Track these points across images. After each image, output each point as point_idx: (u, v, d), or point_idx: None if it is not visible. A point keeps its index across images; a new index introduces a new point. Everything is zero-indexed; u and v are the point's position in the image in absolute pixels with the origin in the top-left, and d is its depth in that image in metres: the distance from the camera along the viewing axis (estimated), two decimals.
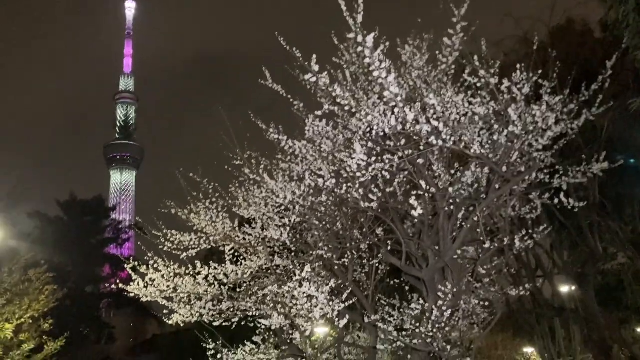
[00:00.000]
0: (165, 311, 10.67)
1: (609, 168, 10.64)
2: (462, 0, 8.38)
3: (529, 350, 32.14)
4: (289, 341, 9.74)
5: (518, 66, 8.56)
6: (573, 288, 19.55)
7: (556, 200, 9.59)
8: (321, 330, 12.02)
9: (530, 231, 9.52)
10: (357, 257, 11.07)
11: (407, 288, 11.85)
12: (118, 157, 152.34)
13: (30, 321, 15.86)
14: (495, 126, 8.22)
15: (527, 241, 9.63)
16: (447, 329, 8.81)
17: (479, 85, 8.53)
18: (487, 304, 10.69)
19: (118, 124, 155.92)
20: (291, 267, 9.57)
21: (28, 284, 16.09)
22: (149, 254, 11.01)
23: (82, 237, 38.48)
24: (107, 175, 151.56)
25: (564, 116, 9.18)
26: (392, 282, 12.29)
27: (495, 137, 8.24)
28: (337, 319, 8.86)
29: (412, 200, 8.04)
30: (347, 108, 8.30)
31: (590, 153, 16.37)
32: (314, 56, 7.97)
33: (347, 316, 9.38)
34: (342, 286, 9.80)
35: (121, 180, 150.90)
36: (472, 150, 7.78)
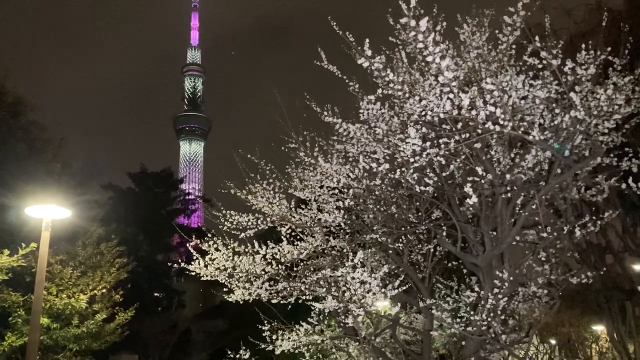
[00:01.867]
0: (224, 289, 11.00)
1: None
2: None
3: (598, 328, 31.15)
4: (342, 325, 9.87)
5: (583, 46, 8.09)
6: None
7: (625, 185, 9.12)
8: (381, 304, 12.09)
9: (594, 217, 9.14)
10: (415, 239, 11.00)
11: (464, 270, 11.68)
12: (187, 128, 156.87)
13: (104, 291, 16.81)
14: (557, 110, 7.84)
15: (590, 228, 9.27)
16: (502, 316, 8.66)
17: (539, 67, 8.12)
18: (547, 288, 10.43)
19: (186, 96, 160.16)
20: (345, 250, 9.60)
21: (100, 257, 17.03)
22: (211, 232, 11.38)
23: (152, 208, 40.12)
24: (177, 145, 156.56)
25: (636, 95, 8.65)
26: (450, 264, 12.14)
27: (556, 122, 7.87)
28: (389, 306, 8.87)
29: (467, 188, 7.83)
30: (399, 93, 8.12)
31: None
32: (367, 40, 7.85)
33: (399, 304, 9.35)
34: (396, 270, 9.79)
35: (190, 150, 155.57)
36: (532, 136, 7.47)
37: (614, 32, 13.58)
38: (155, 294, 42.66)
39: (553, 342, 34.37)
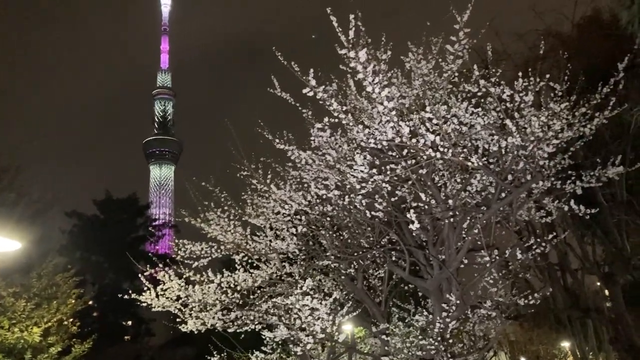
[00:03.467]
0: (177, 320, 10.87)
1: (635, 163, 10.32)
2: (478, 4, 8.21)
3: (566, 344, 31.54)
4: (293, 353, 9.84)
5: (520, 74, 8.35)
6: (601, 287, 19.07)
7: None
8: (347, 328, 12.07)
9: (538, 239, 9.35)
10: (371, 263, 11.07)
11: (420, 294, 11.79)
12: (157, 152, 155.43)
13: (64, 322, 16.39)
14: (496, 137, 8.05)
15: (536, 249, 9.47)
16: (450, 340, 8.74)
17: (479, 94, 8.35)
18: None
19: (156, 120, 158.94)
20: (298, 277, 9.61)
21: (56, 287, 16.65)
22: (167, 261, 11.25)
23: (117, 235, 39.50)
24: (147, 170, 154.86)
25: (575, 120, 8.93)
26: (406, 288, 12.23)
27: (495, 148, 8.08)
28: (337, 333, 8.88)
29: (411, 214, 7.95)
30: (344, 122, 8.25)
31: (617, 149, 15.98)
32: (311, 70, 7.97)
33: (349, 329, 9.37)
34: (347, 297, 9.82)
35: (160, 175, 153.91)
36: (471, 162, 7.64)
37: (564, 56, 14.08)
38: (123, 323, 41.80)
39: (523, 359, 34.71)
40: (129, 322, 42.91)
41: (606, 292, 19.49)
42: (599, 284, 21.04)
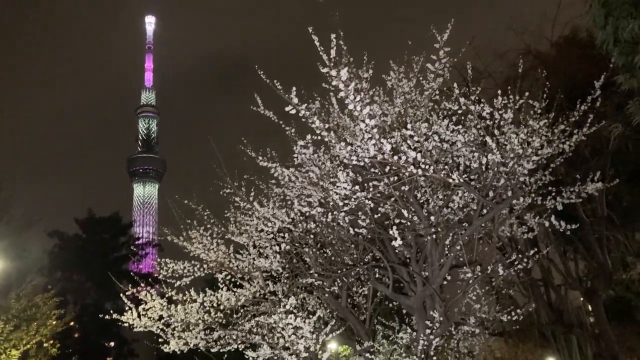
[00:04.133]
0: (160, 340, 10.73)
1: (616, 181, 10.47)
2: (459, 24, 8.36)
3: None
4: None
5: (500, 92, 8.48)
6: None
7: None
8: (332, 347, 11.97)
9: (520, 255, 9.41)
10: (355, 280, 11.04)
11: (404, 311, 11.77)
12: (141, 170, 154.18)
13: (43, 344, 16.08)
14: (477, 154, 8.14)
15: (518, 265, 9.53)
16: (435, 357, 8.72)
17: (459, 112, 8.46)
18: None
19: (140, 137, 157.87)
20: (281, 295, 9.56)
21: (36, 309, 16.37)
22: (149, 280, 11.13)
23: (100, 254, 39.03)
24: (130, 188, 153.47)
25: (555, 137, 9.07)
26: (391, 305, 12.21)
27: (476, 165, 8.17)
28: (320, 352, 8.82)
29: (393, 230, 7.97)
30: (327, 139, 8.29)
31: (597, 166, 16.22)
32: (294, 88, 8.01)
33: (334, 348, 9.31)
34: (331, 315, 9.78)
35: (144, 193, 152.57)
36: (451, 179, 7.70)
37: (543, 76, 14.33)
38: (105, 344, 41.13)
39: None
40: (112, 343, 42.26)
41: (589, 307, 19.62)
42: (582, 299, 21.18)
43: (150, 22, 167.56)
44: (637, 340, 18.68)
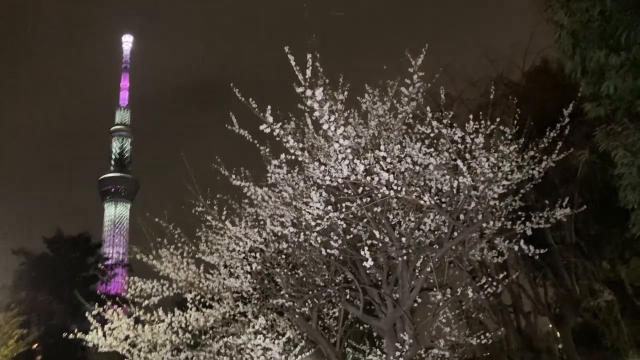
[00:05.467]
0: None
1: (584, 208, 10.65)
2: (435, 51, 8.51)
3: None
4: None
5: (471, 116, 8.65)
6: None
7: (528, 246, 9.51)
8: None
9: (489, 278, 9.50)
10: (327, 302, 10.97)
11: (375, 334, 11.72)
12: (112, 189, 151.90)
13: None
14: (448, 177, 8.24)
15: (487, 289, 9.60)
16: None
17: (432, 135, 8.58)
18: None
19: (113, 157, 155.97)
20: (250, 316, 9.44)
21: None
22: (117, 300, 10.89)
23: (67, 274, 38.01)
24: (101, 207, 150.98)
25: (524, 162, 9.24)
26: (361, 328, 12.15)
27: (447, 188, 8.26)
28: None
29: (365, 251, 7.98)
30: (300, 159, 8.31)
31: (566, 192, 16.55)
32: (269, 107, 8.04)
33: None
34: (301, 336, 9.68)
35: (115, 213, 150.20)
36: (423, 201, 7.77)
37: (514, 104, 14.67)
38: None
39: None
40: None
41: (557, 333, 19.81)
42: (550, 325, 21.39)
43: (127, 41, 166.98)
44: None
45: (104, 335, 10.24)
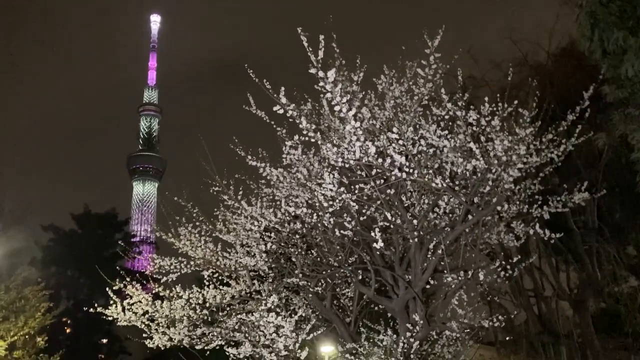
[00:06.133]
0: (144, 335, 10.77)
1: (607, 192, 10.51)
2: (459, 32, 8.41)
3: None
4: None
5: (487, 98, 8.55)
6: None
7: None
8: (325, 350, 11.98)
9: (503, 262, 9.46)
10: (342, 282, 11.07)
11: (389, 314, 11.79)
12: (141, 168, 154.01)
13: (27, 337, 16.10)
14: (461, 159, 8.20)
15: (501, 272, 9.57)
16: None
17: (447, 117, 8.53)
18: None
19: (141, 136, 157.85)
20: (264, 295, 9.60)
21: (25, 301, 16.39)
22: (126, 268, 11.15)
23: (94, 250, 38.97)
24: (129, 186, 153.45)
25: (543, 146, 9.12)
26: (376, 308, 12.22)
27: (460, 170, 8.22)
28: (299, 351, 8.87)
29: (376, 232, 8.03)
30: (313, 140, 8.35)
31: (589, 177, 16.29)
32: (282, 88, 8.08)
33: (307, 348, 9.32)
34: (314, 314, 9.82)
35: (143, 191, 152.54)
36: (435, 183, 7.76)
37: (539, 85, 14.42)
38: (98, 341, 41.10)
39: None
40: (104, 340, 42.22)
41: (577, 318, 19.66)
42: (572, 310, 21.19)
43: (155, 21, 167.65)
44: (624, 353, 18.68)
45: (123, 310, 10.53)
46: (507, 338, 21.10)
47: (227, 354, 9.61)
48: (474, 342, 11.91)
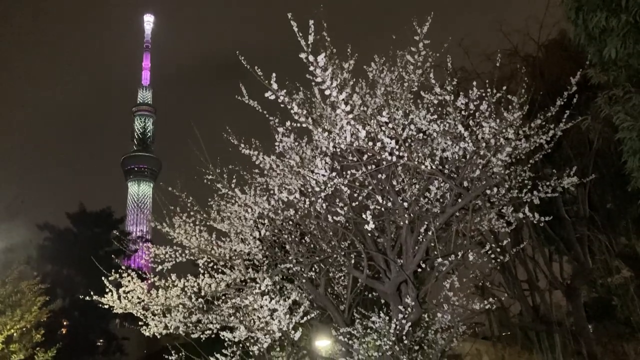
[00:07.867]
0: (140, 323, 10.87)
1: (599, 181, 10.67)
2: (450, 24, 8.56)
3: None
4: (250, 354, 9.89)
5: (474, 83, 8.69)
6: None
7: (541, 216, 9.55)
8: (322, 344, 12.08)
9: (493, 245, 9.61)
10: (335, 268, 11.19)
11: (383, 301, 11.93)
12: (135, 168, 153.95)
13: (23, 330, 16.17)
14: (449, 142, 8.33)
15: (491, 255, 9.72)
16: (406, 342, 8.91)
17: (435, 102, 8.67)
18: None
19: (136, 136, 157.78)
20: (259, 282, 9.70)
21: (21, 295, 16.45)
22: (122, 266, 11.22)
23: (90, 249, 38.95)
24: (124, 186, 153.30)
25: (532, 131, 9.28)
26: (370, 296, 12.34)
27: (448, 154, 8.36)
28: (292, 332, 8.99)
29: (367, 215, 8.16)
30: (304, 125, 8.47)
31: (580, 165, 16.48)
32: (274, 74, 8.19)
33: (301, 330, 9.41)
34: (307, 299, 9.94)
35: (138, 192, 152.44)
36: (424, 166, 7.89)
37: (530, 76, 14.56)
38: (94, 339, 41.15)
39: None
40: (101, 341, 42.28)
41: (570, 307, 19.84)
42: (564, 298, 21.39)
43: (148, 21, 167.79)
44: (617, 340, 18.92)
45: (119, 297, 10.62)
46: (503, 334, 21.35)
47: (223, 337, 9.71)
48: (467, 328, 12.04)
